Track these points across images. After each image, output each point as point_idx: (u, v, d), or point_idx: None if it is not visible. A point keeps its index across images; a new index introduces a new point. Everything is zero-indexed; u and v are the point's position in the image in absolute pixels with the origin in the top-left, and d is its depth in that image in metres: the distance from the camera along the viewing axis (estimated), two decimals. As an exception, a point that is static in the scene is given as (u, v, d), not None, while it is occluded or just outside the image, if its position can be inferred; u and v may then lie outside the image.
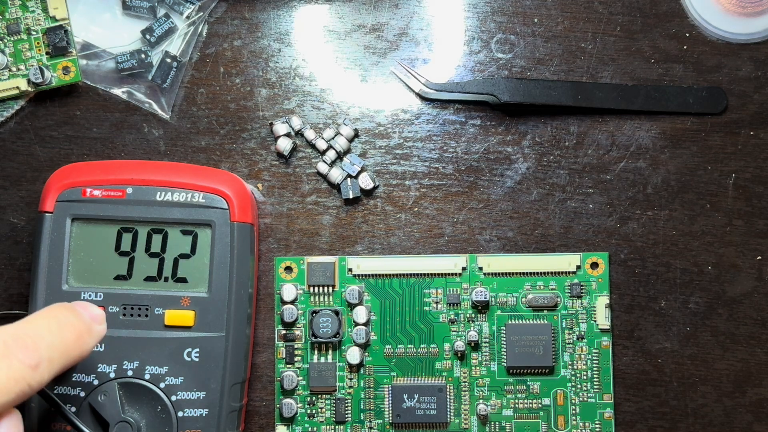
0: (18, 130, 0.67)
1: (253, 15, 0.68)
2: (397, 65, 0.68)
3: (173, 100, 0.67)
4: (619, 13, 0.68)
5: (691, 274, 0.66)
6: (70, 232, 0.62)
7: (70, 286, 0.62)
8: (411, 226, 0.67)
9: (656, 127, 0.67)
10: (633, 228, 0.67)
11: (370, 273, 0.66)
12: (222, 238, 0.62)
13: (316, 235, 0.67)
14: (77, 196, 0.63)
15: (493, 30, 0.68)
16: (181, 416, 0.61)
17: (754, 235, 0.67)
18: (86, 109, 0.68)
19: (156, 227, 0.63)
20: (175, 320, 0.62)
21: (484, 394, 0.66)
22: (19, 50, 0.66)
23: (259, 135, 0.67)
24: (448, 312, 0.66)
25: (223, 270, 0.62)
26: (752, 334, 0.66)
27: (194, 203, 0.63)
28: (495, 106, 0.67)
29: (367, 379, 0.66)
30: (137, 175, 0.63)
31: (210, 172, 0.64)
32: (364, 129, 0.67)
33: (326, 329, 0.65)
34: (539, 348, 0.65)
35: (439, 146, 0.67)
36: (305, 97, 0.68)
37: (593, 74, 0.67)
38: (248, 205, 0.64)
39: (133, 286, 0.62)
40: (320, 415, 0.66)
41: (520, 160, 0.67)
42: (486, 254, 0.66)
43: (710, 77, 0.67)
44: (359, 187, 0.67)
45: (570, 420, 0.65)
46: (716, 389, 0.66)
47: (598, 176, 0.67)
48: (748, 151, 0.67)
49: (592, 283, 0.66)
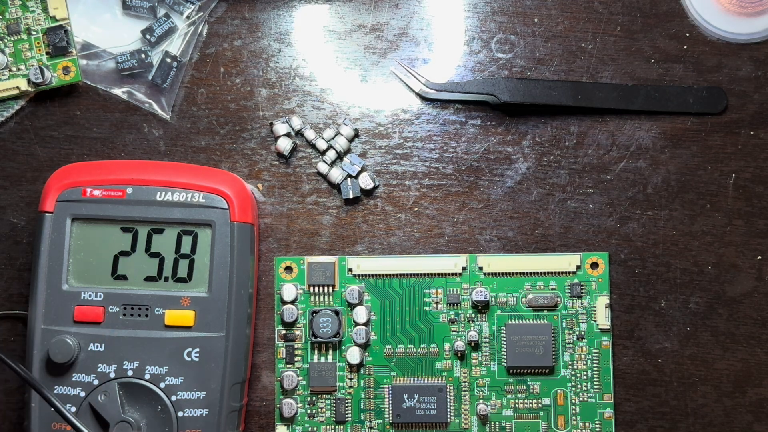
0: (18, 130, 0.67)
1: (253, 15, 0.68)
2: (397, 65, 0.68)
3: (173, 100, 0.67)
4: (619, 13, 0.68)
5: (691, 274, 0.66)
6: (70, 232, 0.62)
7: (70, 286, 0.62)
8: (411, 226, 0.67)
9: (656, 127, 0.67)
10: (633, 228, 0.67)
11: (370, 273, 0.66)
12: (222, 238, 0.62)
13: (316, 235, 0.67)
14: (77, 196, 0.63)
15: (493, 30, 0.68)
16: (181, 416, 0.61)
17: (754, 235, 0.67)
18: (86, 109, 0.68)
19: (156, 227, 0.63)
20: (175, 320, 0.62)
21: (484, 394, 0.66)
22: (19, 50, 0.66)
23: (259, 135, 0.67)
24: (448, 312, 0.66)
25: (223, 270, 0.62)
26: (752, 334, 0.66)
27: (194, 203, 0.63)
28: (495, 106, 0.67)
29: (367, 379, 0.66)
30: (137, 175, 0.63)
31: (210, 172, 0.64)
32: (364, 129, 0.68)
33: (326, 329, 0.65)
34: (539, 348, 0.65)
35: (439, 146, 0.67)
36: (305, 97, 0.68)
37: (593, 74, 0.67)
38: (248, 205, 0.64)
39: (133, 286, 0.62)
40: (320, 415, 0.66)
41: (520, 160, 0.67)
42: (486, 254, 0.66)
43: (710, 77, 0.67)
44: (359, 187, 0.67)
45: (570, 420, 0.65)
46: (716, 389, 0.66)
47: (598, 176, 0.67)
48: (748, 151, 0.67)
49: (592, 283, 0.66)
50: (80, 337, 0.61)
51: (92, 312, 0.62)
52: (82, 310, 0.62)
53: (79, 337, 0.61)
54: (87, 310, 0.62)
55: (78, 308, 0.62)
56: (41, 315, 0.62)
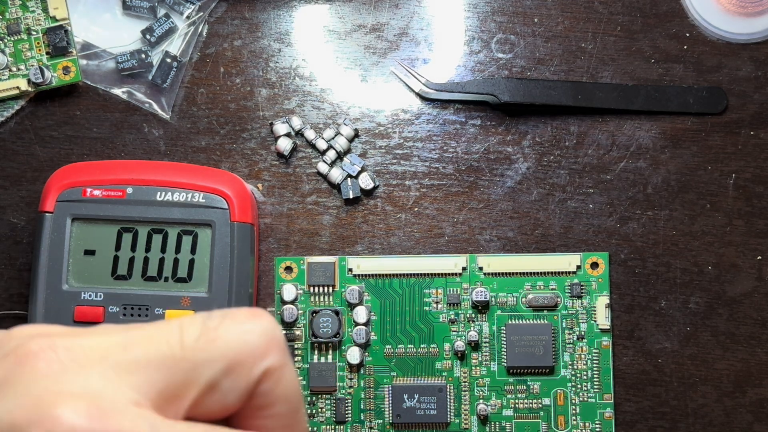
0: (18, 130, 0.67)
1: (253, 15, 0.68)
2: (397, 65, 0.68)
3: (173, 100, 0.67)
4: (619, 13, 0.68)
5: (691, 274, 0.66)
6: (70, 232, 0.62)
7: (70, 286, 0.62)
8: (411, 226, 0.67)
9: (656, 127, 0.67)
10: (633, 228, 0.67)
11: (370, 273, 0.66)
12: (222, 238, 0.62)
13: (316, 235, 0.67)
14: (77, 196, 0.63)
15: (493, 30, 0.68)
16: (182, 416, 0.61)
17: (754, 235, 0.66)
18: (86, 109, 0.68)
19: (156, 227, 0.63)
20: (175, 320, 0.62)
21: (484, 394, 0.66)
22: (19, 50, 0.66)
23: (259, 135, 0.67)
24: (448, 312, 0.66)
25: (223, 270, 0.62)
26: (752, 334, 0.66)
27: (194, 203, 0.63)
28: (495, 106, 0.67)
29: (367, 379, 0.66)
30: (137, 175, 0.63)
31: (210, 172, 0.64)
32: (364, 129, 0.67)
33: (326, 329, 0.65)
34: (539, 348, 0.65)
35: (439, 146, 0.67)
36: (305, 97, 0.68)
37: (593, 74, 0.67)
38: (248, 205, 0.64)
39: (134, 286, 0.62)
40: (320, 415, 0.66)
41: (520, 160, 0.67)
42: (486, 254, 0.66)
43: (710, 77, 0.67)
44: (359, 187, 0.67)
45: (570, 420, 0.65)
46: (716, 389, 0.66)
47: (598, 176, 0.67)
48: (748, 151, 0.67)
49: (592, 283, 0.66)
50: (80, 337, 0.61)
51: (92, 312, 0.62)
52: (82, 311, 0.62)
53: (79, 337, 0.61)
54: (87, 310, 0.62)
55: (78, 308, 0.62)
56: (41, 315, 0.62)
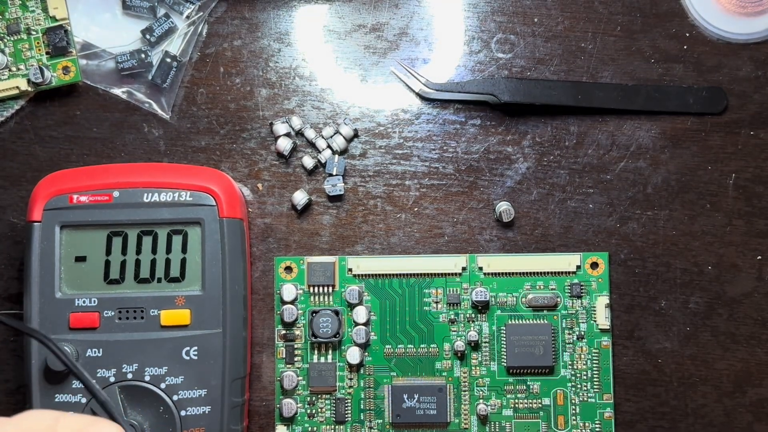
0: (18, 130, 0.67)
1: (253, 15, 0.68)
2: (397, 65, 0.68)
3: (173, 100, 0.67)
4: (619, 13, 0.67)
5: (691, 274, 0.66)
6: (60, 240, 0.62)
7: (64, 294, 0.62)
8: (411, 226, 0.67)
9: (656, 127, 0.67)
10: (633, 228, 0.67)
11: (370, 273, 0.66)
12: (212, 234, 0.62)
13: (316, 235, 0.67)
14: (64, 204, 0.62)
15: (493, 30, 0.68)
16: (184, 415, 0.61)
17: (754, 235, 0.66)
18: (86, 109, 0.68)
19: (145, 229, 0.63)
20: (171, 320, 0.62)
21: (484, 394, 0.66)
22: (19, 50, 0.66)
23: (259, 135, 0.67)
24: (448, 312, 0.66)
25: (216, 266, 0.62)
26: (752, 334, 0.66)
27: (182, 202, 0.63)
28: (495, 106, 0.67)
29: (367, 379, 0.66)
30: (123, 179, 0.63)
31: (195, 171, 0.64)
32: (364, 129, 0.67)
33: (326, 329, 0.65)
34: (539, 348, 0.65)
35: (439, 146, 0.67)
36: (305, 97, 0.68)
37: (593, 74, 0.67)
38: (236, 200, 0.64)
39: (127, 289, 0.62)
40: (320, 415, 0.66)
41: (520, 160, 0.67)
42: (486, 254, 0.66)
43: (710, 77, 0.67)
44: (341, 186, 0.67)
45: (570, 420, 0.65)
46: (716, 389, 0.66)
47: (598, 176, 0.67)
48: (748, 151, 0.67)
49: (592, 283, 0.66)
50: (77, 343, 0.61)
51: (87, 318, 0.62)
52: (77, 317, 0.62)
53: (76, 344, 0.61)
54: (82, 316, 0.62)
55: (73, 315, 0.62)
56: (36, 324, 0.61)
